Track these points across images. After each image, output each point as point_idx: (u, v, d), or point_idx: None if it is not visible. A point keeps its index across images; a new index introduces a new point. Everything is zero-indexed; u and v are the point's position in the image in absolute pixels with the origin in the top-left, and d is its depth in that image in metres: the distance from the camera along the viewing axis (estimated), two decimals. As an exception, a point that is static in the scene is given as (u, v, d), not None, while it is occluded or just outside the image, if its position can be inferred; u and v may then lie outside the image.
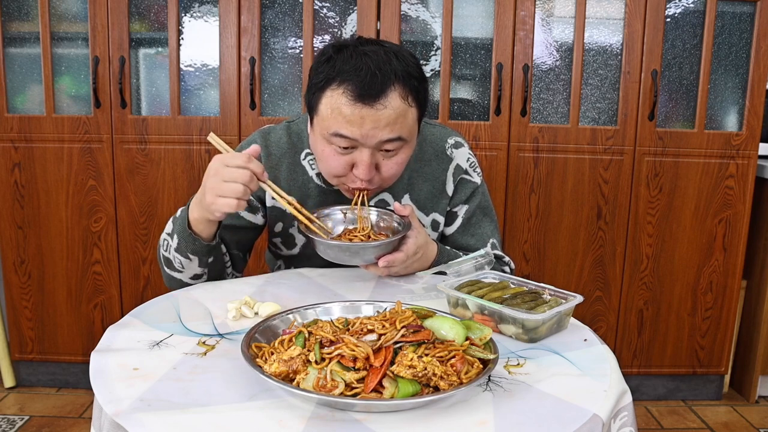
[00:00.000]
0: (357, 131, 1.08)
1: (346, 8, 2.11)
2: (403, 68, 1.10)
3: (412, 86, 1.11)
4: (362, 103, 1.07)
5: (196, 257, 1.16)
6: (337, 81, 1.08)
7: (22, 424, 2.10)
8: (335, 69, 1.09)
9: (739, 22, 2.15)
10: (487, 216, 1.36)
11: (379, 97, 1.07)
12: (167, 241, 1.19)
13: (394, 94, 1.08)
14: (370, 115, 1.07)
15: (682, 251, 2.25)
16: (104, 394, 0.73)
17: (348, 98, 1.07)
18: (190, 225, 1.14)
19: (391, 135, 1.10)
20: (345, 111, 1.08)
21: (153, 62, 2.15)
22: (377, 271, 1.14)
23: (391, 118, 1.09)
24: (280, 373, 0.74)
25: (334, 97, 1.08)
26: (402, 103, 1.10)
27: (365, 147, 1.11)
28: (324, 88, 1.10)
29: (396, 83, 1.08)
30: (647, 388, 2.39)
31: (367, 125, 1.08)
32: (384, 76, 1.07)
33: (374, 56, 1.09)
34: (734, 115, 2.22)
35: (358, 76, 1.07)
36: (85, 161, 2.14)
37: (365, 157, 1.12)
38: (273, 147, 1.29)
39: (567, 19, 2.13)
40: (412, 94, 1.11)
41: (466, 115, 2.17)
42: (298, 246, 1.32)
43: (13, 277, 2.22)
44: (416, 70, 1.13)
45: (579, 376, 0.81)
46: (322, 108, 1.11)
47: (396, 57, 1.10)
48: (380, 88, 1.07)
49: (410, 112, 1.12)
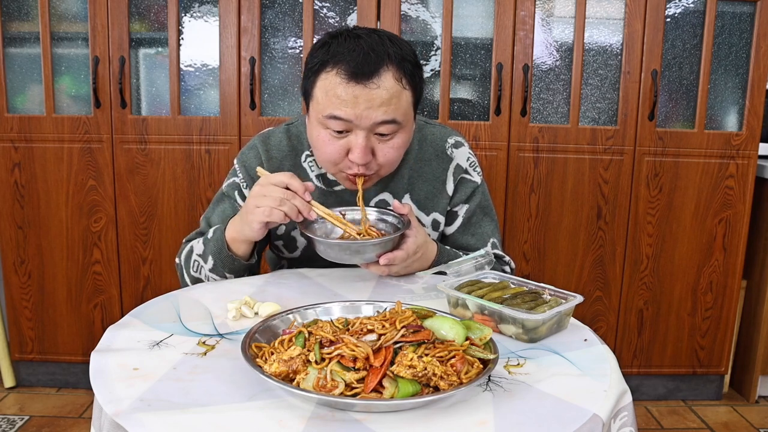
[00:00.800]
0: (351, 112, 1.09)
1: (346, 8, 2.11)
2: (396, 51, 1.11)
3: (406, 69, 1.12)
4: (355, 81, 1.08)
5: (233, 275, 1.19)
6: (332, 63, 1.10)
7: (22, 424, 2.10)
8: (330, 52, 1.11)
9: (739, 22, 2.15)
10: (488, 215, 1.36)
11: (372, 76, 1.08)
12: (198, 263, 1.21)
13: (388, 75, 1.09)
14: (364, 94, 1.08)
15: (682, 251, 2.25)
16: (104, 394, 0.73)
17: (342, 78, 1.08)
18: (228, 246, 1.17)
19: (385, 116, 1.11)
20: (339, 91, 1.09)
21: (153, 62, 2.15)
22: (378, 270, 1.14)
23: (385, 98, 1.09)
24: (280, 373, 0.74)
25: (328, 79, 1.10)
26: (396, 84, 1.10)
27: (360, 129, 1.12)
28: (319, 71, 1.12)
29: (389, 64, 1.10)
30: (647, 388, 2.39)
31: (361, 105, 1.09)
32: (377, 56, 1.09)
33: (368, 39, 1.11)
34: (734, 115, 2.22)
35: (351, 57, 1.08)
36: (85, 161, 2.14)
37: (360, 140, 1.12)
38: (273, 150, 1.30)
39: (567, 19, 2.13)
40: (407, 77, 1.12)
41: (466, 115, 2.17)
42: (300, 249, 1.32)
43: (13, 277, 2.22)
44: (411, 55, 1.14)
45: (579, 376, 0.81)
46: (317, 91, 1.12)
47: (390, 41, 1.12)
48: (374, 67, 1.08)
49: (404, 95, 1.13)
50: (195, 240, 1.25)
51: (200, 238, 1.25)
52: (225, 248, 1.17)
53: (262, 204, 1.08)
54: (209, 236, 1.21)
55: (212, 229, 1.22)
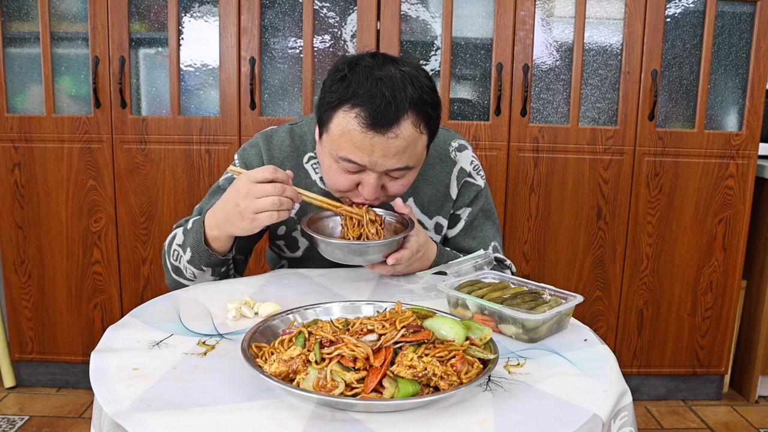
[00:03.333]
0: (366, 158, 1.08)
1: (346, 8, 2.11)
2: (418, 95, 1.08)
3: (425, 113, 1.10)
4: (374, 131, 1.06)
5: (209, 269, 1.18)
6: (350, 103, 1.07)
7: (22, 424, 2.10)
8: (349, 91, 1.07)
9: (739, 22, 2.15)
10: (489, 219, 1.37)
11: (392, 127, 1.06)
12: (178, 252, 1.19)
13: (407, 123, 1.07)
14: (381, 143, 1.07)
15: (682, 251, 2.25)
16: (104, 394, 0.73)
17: (360, 124, 1.06)
18: (206, 241, 1.15)
19: (399, 164, 1.10)
20: (356, 137, 1.07)
21: (153, 62, 2.15)
22: (383, 270, 1.14)
23: (401, 148, 1.08)
24: (280, 373, 0.74)
25: (346, 119, 1.07)
26: (414, 131, 1.09)
27: (373, 172, 1.11)
28: (336, 108, 1.09)
29: (409, 111, 1.07)
30: (647, 388, 2.39)
31: (377, 153, 1.07)
32: (398, 105, 1.05)
33: (389, 82, 1.06)
34: (734, 115, 2.22)
35: (372, 103, 1.05)
36: (85, 161, 2.14)
37: (372, 180, 1.12)
38: (275, 150, 1.29)
39: (567, 19, 2.13)
40: (425, 122, 1.10)
41: (466, 115, 2.17)
42: (302, 249, 1.32)
43: (13, 277, 2.22)
44: (431, 95, 1.11)
45: (579, 376, 0.81)
46: (333, 128, 1.10)
47: (411, 83, 1.08)
48: (394, 117, 1.05)
49: (421, 140, 1.11)
50: (181, 227, 1.24)
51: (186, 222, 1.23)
52: (202, 242, 1.15)
53: (263, 208, 1.05)
54: (188, 227, 1.19)
55: (192, 221, 1.19)
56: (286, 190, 1.06)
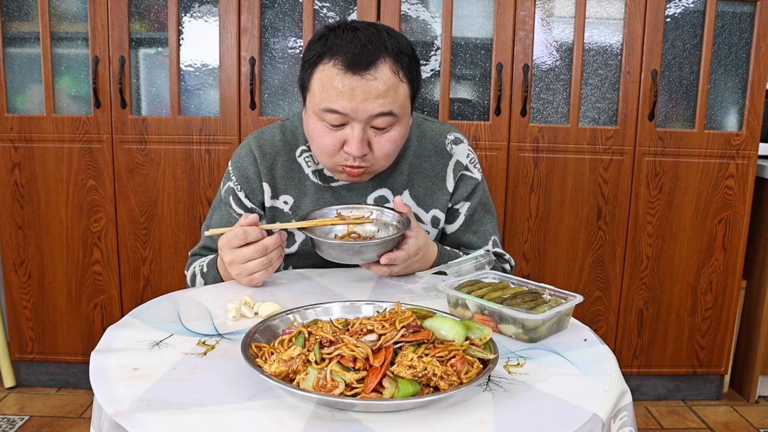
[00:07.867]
0: (347, 104, 1.10)
1: (346, 8, 2.11)
2: (394, 43, 1.12)
3: (404, 61, 1.13)
4: (352, 73, 1.08)
5: None
6: (329, 55, 1.10)
7: (22, 424, 2.10)
8: (327, 44, 1.11)
9: (739, 22, 2.15)
10: (488, 212, 1.37)
11: (369, 68, 1.09)
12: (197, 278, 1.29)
13: (385, 67, 1.10)
14: (360, 85, 1.09)
15: (682, 251, 2.25)
16: (104, 394, 0.73)
17: (338, 69, 1.09)
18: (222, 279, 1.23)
19: (381, 108, 1.11)
20: (335, 83, 1.09)
21: (153, 62, 2.15)
22: (378, 270, 1.14)
23: (381, 90, 1.10)
24: (280, 373, 0.74)
25: (325, 71, 1.11)
26: (392, 76, 1.11)
27: (356, 122, 1.12)
28: (316, 63, 1.12)
29: (386, 56, 1.10)
30: (647, 388, 2.39)
31: (358, 97, 1.09)
32: (375, 48, 1.09)
33: (366, 31, 1.12)
34: (734, 115, 2.22)
35: (348, 48, 1.09)
36: (85, 161, 2.14)
37: (356, 132, 1.12)
38: (267, 146, 1.30)
39: (567, 19, 2.13)
40: (404, 70, 1.13)
41: (466, 115, 2.17)
42: (297, 243, 1.32)
43: (13, 277, 2.22)
44: (408, 48, 1.15)
45: (579, 376, 0.81)
46: (314, 84, 1.13)
47: (388, 33, 1.13)
48: (370, 58, 1.09)
49: (401, 87, 1.13)
50: (197, 264, 1.29)
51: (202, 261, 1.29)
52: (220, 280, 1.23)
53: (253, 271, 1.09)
54: (205, 271, 1.26)
55: (207, 265, 1.26)
56: (267, 248, 1.08)
